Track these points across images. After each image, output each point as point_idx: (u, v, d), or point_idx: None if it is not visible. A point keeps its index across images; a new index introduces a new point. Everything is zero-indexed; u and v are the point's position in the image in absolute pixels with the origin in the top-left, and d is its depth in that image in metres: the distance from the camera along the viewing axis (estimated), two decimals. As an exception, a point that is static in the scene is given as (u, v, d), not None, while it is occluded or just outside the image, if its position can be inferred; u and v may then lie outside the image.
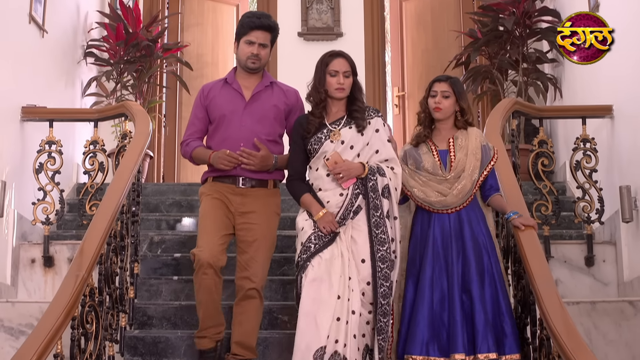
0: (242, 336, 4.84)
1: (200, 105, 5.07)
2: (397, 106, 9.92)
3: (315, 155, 4.71)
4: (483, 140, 4.84)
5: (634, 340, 5.50)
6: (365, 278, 4.55)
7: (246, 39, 4.94)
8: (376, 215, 4.60)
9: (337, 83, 4.67)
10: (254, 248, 4.85)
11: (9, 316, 5.53)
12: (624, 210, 6.05)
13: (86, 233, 4.73)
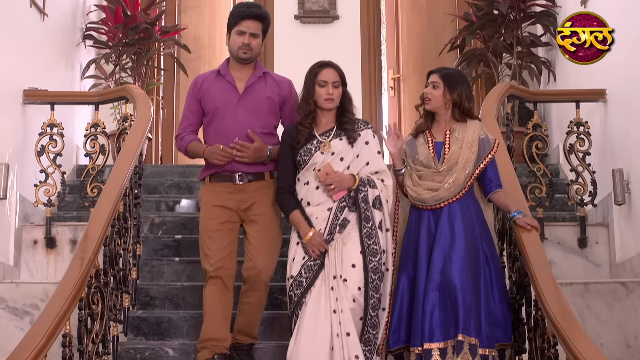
0: (244, 325, 4.89)
1: (194, 97, 5.04)
2: (392, 88, 10.00)
3: (304, 166, 4.69)
4: (482, 133, 4.79)
5: (625, 320, 5.61)
6: (356, 283, 4.50)
7: (237, 29, 4.92)
8: (367, 227, 4.56)
9: (326, 94, 4.64)
10: (257, 239, 4.84)
11: (13, 297, 5.62)
12: (616, 193, 6.16)
13: (91, 216, 4.83)
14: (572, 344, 3.89)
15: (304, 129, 4.69)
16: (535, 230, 4.70)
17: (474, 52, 8.36)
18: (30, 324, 5.55)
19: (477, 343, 4.43)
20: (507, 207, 4.83)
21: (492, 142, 4.79)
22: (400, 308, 4.65)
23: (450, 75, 4.83)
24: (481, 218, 4.74)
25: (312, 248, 4.56)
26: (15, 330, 5.58)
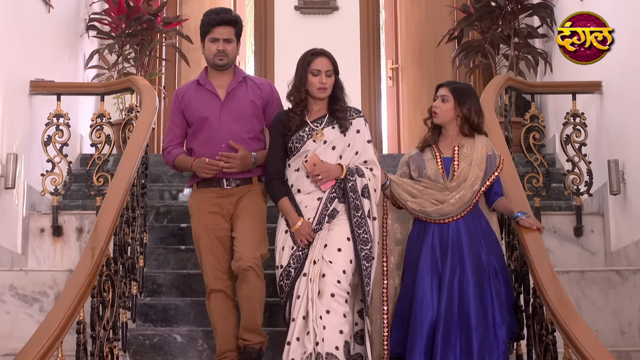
0: (246, 320, 4.81)
1: (177, 110, 5.04)
2: (390, 78, 10.12)
3: (296, 153, 4.68)
4: (489, 149, 4.77)
5: (620, 307, 5.75)
6: (341, 266, 4.50)
7: (210, 37, 4.92)
8: (357, 216, 4.56)
9: (320, 82, 4.63)
10: (242, 230, 4.82)
11: (22, 284, 5.73)
12: (611, 183, 6.29)
13: (102, 206, 4.95)
14: (570, 330, 4.03)
15: (295, 116, 4.68)
16: (538, 231, 4.73)
17: (472, 43, 8.48)
18: (39, 311, 5.71)
19: None
20: (509, 210, 4.82)
21: (497, 158, 4.78)
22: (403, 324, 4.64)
23: (460, 89, 4.80)
24: (488, 231, 4.73)
25: (300, 237, 4.58)
26: (24, 317, 5.70)
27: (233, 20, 4.95)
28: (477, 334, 4.46)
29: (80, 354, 4.20)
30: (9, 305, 5.68)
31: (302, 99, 4.67)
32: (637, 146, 5.99)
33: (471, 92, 4.85)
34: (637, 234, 5.95)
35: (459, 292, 4.54)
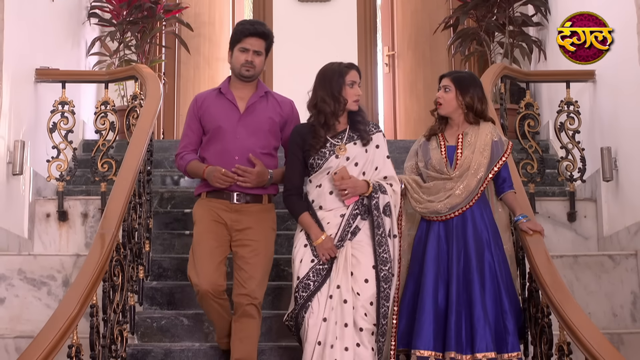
0: (244, 354, 4.78)
1: (194, 116, 4.97)
2: (387, 65, 10.25)
3: (317, 170, 4.62)
4: (495, 135, 4.77)
5: (612, 291, 5.93)
6: (369, 299, 4.49)
7: (240, 47, 4.84)
8: (378, 234, 4.53)
9: (355, 95, 4.60)
10: (251, 266, 4.76)
11: (31, 268, 5.87)
12: (604, 170, 6.43)
13: (111, 193, 5.06)
14: (565, 313, 4.19)
15: (322, 132, 4.61)
16: (539, 234, 4.76)
17: (467, 31, 8.60)
18: (47, 295, 5.86)
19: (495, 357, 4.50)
20: (513, 209, 4.83)
21: (505, 144, 4.79)
22: (407, 312, 4.70)
23: (462, 78, 4.83)
24: (491, 223, 4.74)
25: (323, 252, 4.54)
26: (33, 300, 5.84)
27: (266, 33, 4.91)
28: (479, 322, 4.51)
29: (93, 336, 4.35)
30: (17, 288, 5.82)
31: (341, 109, 4.60)
32: (629, 134, 6.13)
33: (473, 80, 4.86)
34: (629, 220, 6.09)
35: (464, 280, 4.59)
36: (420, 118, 9.76)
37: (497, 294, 4.59)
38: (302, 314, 4.52)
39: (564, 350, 4.26)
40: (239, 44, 4.87)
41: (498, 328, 4.55)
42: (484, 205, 4.75)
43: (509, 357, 4.52)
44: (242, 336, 4.76)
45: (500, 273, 4.63)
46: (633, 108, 6.03)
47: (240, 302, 4.73)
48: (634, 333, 5.61)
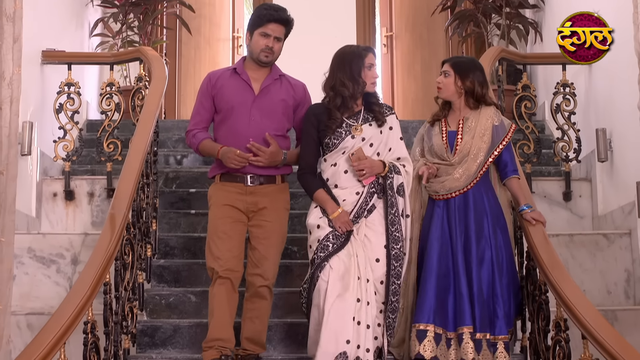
0: (254, 333, 4.85)
1: (207, 93, 4.96)
2: (385, 46, 10.37)
3: (333, 149, 4.70)
4: (496, 119, 4.85)
5: (607, 269, 6.09)
6: (379, 278, 4.62)
7: (262, 31, 4.84)
8: (392, 213, 4.63)
9: (373, 77, 4.71)
10: (265, 246, 4.81)
11: (40, 246, 6.02)
12: (599, 150, 6.56)
13: (121, 175, 5.19)
14: (562, 291, 4.35)
15: (337, 114, 4.69)
16: (542, 224, 4.84)
17: (465, 13, 8.70)
18: (56, 272, 6.01)
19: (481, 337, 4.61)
20: (516, 198, 4.91)
21: (507, 127, 4.87)
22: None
23: (461, 63, 4.93)
24: (495, 205, 4.82)
25: (340, 225, 4.61)
26: (42, 278, 6.00)
27: (288, 20, 4.91)
28: (480, 302, 4.63)
29: (107, 313, 4.52)
30: (27, 266, 5.97)
31: (361, 91, 4.69)
32: (624, 116, 6.22)
33: (473, 65, 4.94)
34: (623, 199, 6.22)
35: (465, 261, 4.70)
36: (417, 98, 9.90)
37: (491, 278, 4.69)
38: (318, 273, 4.56)
39: (560, 327, 4.40)
40: (260, 28, 4.86)
41: (488, 311, 4.65)
42: (486, 188, 4.83)
43: (494, 339, 4.64)
44: (253, 315, 4.83)
45: (497, 258, 4.72)
46: (628, 91, 6.12)
47: (254, 282, 4.80)
48: (627, 310, 5.77)
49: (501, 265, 4.74)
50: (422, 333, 4.65)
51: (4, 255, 3.78)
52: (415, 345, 4.65)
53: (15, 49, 3.90)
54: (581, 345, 4.17)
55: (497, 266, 4.71)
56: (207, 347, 4.77)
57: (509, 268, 4.78)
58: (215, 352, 4.73)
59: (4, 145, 3.83)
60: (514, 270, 4.84)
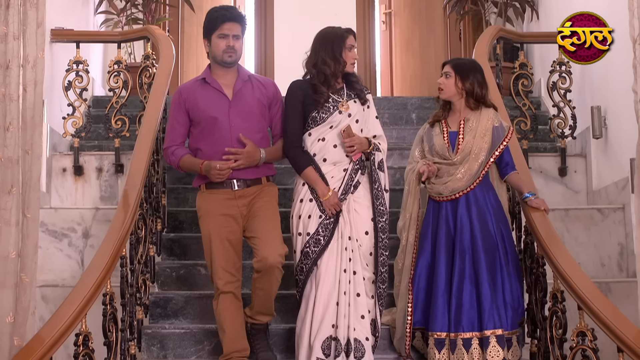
0: (263, 307, 4.92)
1: (180, 108, 4.95)
2: (384, 22, 10.51)
3: (320, 123, 4.84)
4: (496, 121, 4.97)
5: (601, 242, 6.29)
6: (368, 249, 4.82)
7: (219, 33, 4.87)
8: (376, 188, 4.84)
9: (353, 58, 4.91)
10: (261, 230, 4.83)
11: (52, 221, 6.20)
12: (594, 128, 6.74)
13: (134, 152, 5.38)
14: (559, 264, 4.54)
15: (324, 89, 4.86)
16: (545, 212, 4.95)
17: (463, -9, 8.88)
18: (68, 246, 6.21)
19: (502, 333, 4.74)
20: (519, 188, 5.07)
21: (506, 129, 5.00)
22: (417, 290, 4.92)
23: (461, 64, 5.06)
24: (496, 203, 4.95)
25: (329, 207, 4.77)
26: (55, 251, 6.20)
27: (242, 17, 4.97)
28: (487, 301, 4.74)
29: (124, 285, 4.72)
30: (40, 240, 5.92)
31: (341, 70, 4.89)
32: (618, 94, 6.39)
33: (473, 66, 5.08)
34: (617, 175, 6.40)
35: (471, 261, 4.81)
36: (415, 74, 10.07)
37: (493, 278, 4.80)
38: (314, 267, 4.79)
39: (557, 298, 4.59)
40: (217, 31, 4.90)
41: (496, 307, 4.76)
42: (487, 188, 4.97)
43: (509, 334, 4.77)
44: (260, 293, 4.87)
45: (501, 258, 4.83)
46: (622, 69, 6.28)
47: (260, 266, 4.76)
48: (620, 282, 5.97)
49: (508, 263, 4.86)
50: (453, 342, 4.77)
51: (30, 231, 3.95)
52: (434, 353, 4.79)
53: (38, 34, 4.05)
54: (577, 316, 4.36)
55: (498, 267, 4.82)
56: (223, 358, 4.90)
57: (514, 264, 4.91)
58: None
59: (29, 125, 3.99)
60: (517, 267, 4.96)
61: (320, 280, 4.76)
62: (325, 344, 4.70)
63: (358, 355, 4.69)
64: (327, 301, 4.74)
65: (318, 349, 4.69)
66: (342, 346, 4.68)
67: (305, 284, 4.83)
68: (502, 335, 4.73)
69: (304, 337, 4.76)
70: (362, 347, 4.71)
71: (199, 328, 5.25)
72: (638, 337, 3.96)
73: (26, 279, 3.92)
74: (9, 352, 3.85)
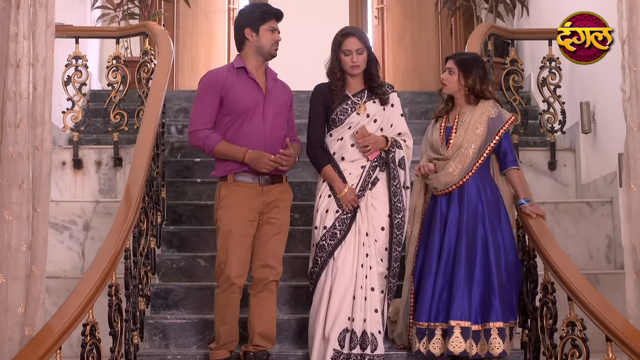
0: (265, 327, 4.91)
1: (215, 93, 4.89)
2: (376, 17, 10.63)
3: (339, 125, 4.96)
4: (493, 112, 4.98)
5: (589, 235, 6.45)
6: (384, 245, 4.91)
7: (269, 27, 4.90)
8: (394, 185, 4.92)
9: (351, 61, 4.90)
10: (276, 242, 4.92)
11: (53, 213, 6.28)
12: (583, 122, 6.90)
13: (135, 147, 5.48)
14: (550, 256, 4.67)
15: (337, 90, 4.97)
16: (541, 217, 4.97)
17: (455, -14, 9.01)
18: (69, 238, 6.33)
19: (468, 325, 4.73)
20: (516, 191, 5.05)
21: (505, 118, 5.00)
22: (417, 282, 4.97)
23: (465, 60, 5.07)
24: (492, 194, 4.94)
25: (346, 203, 4.87)
26: (56, 243, 6.32)
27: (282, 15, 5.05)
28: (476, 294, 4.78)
29: (128, 277, 4.85)
30: None
31: (338, 77, 4.98)
32: (607, 90, 6.50)
33: (476, 61, 5.10)
34: (605, 169, 6.55)
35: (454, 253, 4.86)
36: (407, 69, 10.20)
37: (487, 268, 4.82)
38: (329, 260, 4.86)
39: (548, 289, 4.73)
40: (266, 24, 4.91)
41: (484, 301, 4.79)
42: (483, 179, 4.97)
43: (494, 325, 4.77)
44: (262, 311, 4.90)
45: (495, 248, 4.85)
46: (611, 66, 6.41)
47: (265, 277, 4.87)
48: (608, 273, 6.13)
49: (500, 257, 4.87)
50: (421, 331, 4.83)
51: (40, 224, 4.07)
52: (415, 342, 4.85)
53: (48, 33, 4.17)
54: (567, 307, 4.51)
55: (493, 257, 4.83)
56: (216, 348, 4.95)
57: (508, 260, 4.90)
58: (226, 351, 4.95)
59: (38, 122, 4.11)
60: (516, 259, 4.96)
61: (337, 273, 4.84)
62: (341, 335, 4.80)
63: (372, 347, 4.81)
64: (344, 294, 4.83)
65: (335, 341, 4.79)
66: (358, 338, 4.79)
67: (319, 276, 4.90)
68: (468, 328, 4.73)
69: (318, 328, 4.84)
70: (375, 339, 4.81)
71: (199, 319, 5.38)
72: (626, 327, 4.11)
73: (36, 271, 4.05)
74: (20, 342, 3.98)
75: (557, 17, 7.33)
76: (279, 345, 5.24)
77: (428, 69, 10.08)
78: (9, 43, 4.10)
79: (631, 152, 4.32)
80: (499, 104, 5.11)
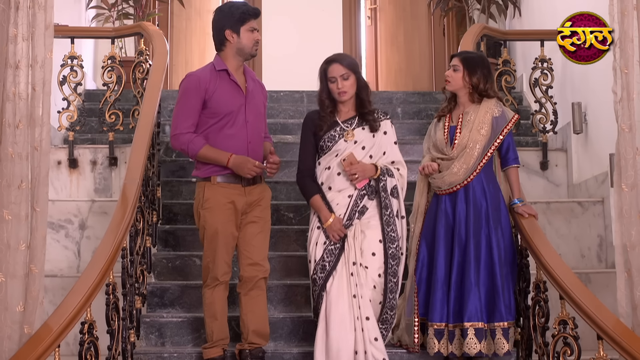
0: (258, 325, 4.94)
1: (197, 96, 4.87)
2: (369, 18, 10.70)
3: (327, 152, 4.90)
4: (497, 111, 4.98)
5: (581, 234, 6.50)
6: (376, 271, 4.80)
7: (249, 27, 4.90)
8: (386, 214, 4.81)
9: (337, 88, 4.84)
10: (259, 240, 4.95)
11: (49, 212, 6.06)
12: (575, 123, 6.95)
13: (132, 147, 5.52)
14: (542, 255, 4.73)
15: (326, 116, 4.92)
16: (534, 217, 5.00)
17: (447, -13, 9.07)
18: (65, 237, 6.37)
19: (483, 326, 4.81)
20: (512, 189, 5.08)
21: (508, 117, 5.00)
22: (420, 281, 4.99)
23: (470, 59, 5.07)
24: (495, 195, 4.97)
25: (332, 233, 4.80)
26: (52, 242, 6.31)
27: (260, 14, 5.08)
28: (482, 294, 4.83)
29: (125, 276, 4.90)
30: None
31: (327, 105, 4.93)
32: (598, 90, 6.56)
33: (482, 61, 5.09)
34: (597, 169, 6.60)
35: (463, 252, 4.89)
36: (400, 69, 10.27)
37: (491, 268, 4.86)
38: (322, 293, 4.79)
39: (540, 288, 4.78)
40: (246, 24, 4.90)
41: (489, 300, 4.84)
42: (487, 179, 4.99)
43: (499, 325, 4.81)
44: (254, 308, 4.94)
45: (498, 247, 4.89)
46: (602, 67, 6.48)
47: (255, 275, 4.92)
48: (599, 272, 6.18)
49: (502, 256, 4.91)
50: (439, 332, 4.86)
51: (39, 224, 4.11)
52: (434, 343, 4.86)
53: (46, 35, 4.21)
54: (558, 305, 4.56)
55: (497, 256, 4.88)
56: (209, 347, 4.98)
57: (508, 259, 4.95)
58: (219, 349, 4.98)
59: (37, 123, 4.15)
60: (514, 258, 5.01)
61: (331, 307, 4.75)
62: None
63: None
64: (340, 326, 4.72)
65: None
66: None
67: (318, 310, 4.82)
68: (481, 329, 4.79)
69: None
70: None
71: (195, 317, 5.42)
72: (617, 326, 4.17)
73: (35, 270, 4.09)
74: (19, 340, 4.02)
75: (549, 18, 7.46)
76: (274, 344, 5.29)
77: (421, 69, 10.15)
78: (8, 44, 4.14)
79: (622, 153, 4.37)
80: (501, 102, 5.13)
